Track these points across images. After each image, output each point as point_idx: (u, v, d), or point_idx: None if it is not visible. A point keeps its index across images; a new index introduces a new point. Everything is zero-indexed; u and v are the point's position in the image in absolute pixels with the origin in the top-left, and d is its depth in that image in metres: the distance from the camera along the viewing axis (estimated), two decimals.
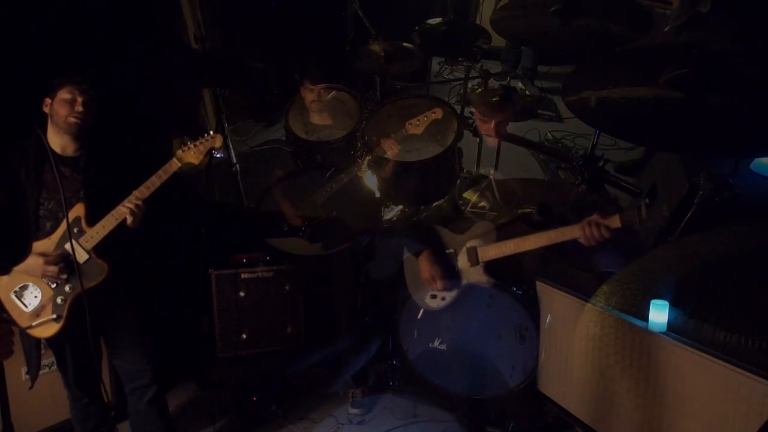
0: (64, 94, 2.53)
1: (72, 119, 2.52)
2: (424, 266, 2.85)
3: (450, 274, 2.84)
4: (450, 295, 2.87)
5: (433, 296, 2.91)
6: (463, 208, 2.87)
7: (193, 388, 3.53)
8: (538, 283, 2.79)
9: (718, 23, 3.57)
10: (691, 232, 2.80)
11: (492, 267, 2.81)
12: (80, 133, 2.56)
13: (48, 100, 2.56)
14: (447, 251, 2.89)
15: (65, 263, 2.55)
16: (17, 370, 3.01)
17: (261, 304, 3.48)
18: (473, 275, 2.81)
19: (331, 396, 3.42)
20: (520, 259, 2.81)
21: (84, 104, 2.53)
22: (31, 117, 2.55)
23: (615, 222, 2.40)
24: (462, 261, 2.84)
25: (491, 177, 2.85)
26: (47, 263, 2.52)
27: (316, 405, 3.39)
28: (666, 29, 3.83)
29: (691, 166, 3.15)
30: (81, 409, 2.89)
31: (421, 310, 2.97)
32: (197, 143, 2.70)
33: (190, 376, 3.57)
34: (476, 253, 2.79)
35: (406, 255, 3.00)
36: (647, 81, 2.63)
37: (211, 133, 2.73)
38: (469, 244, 2.82)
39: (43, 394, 3.05)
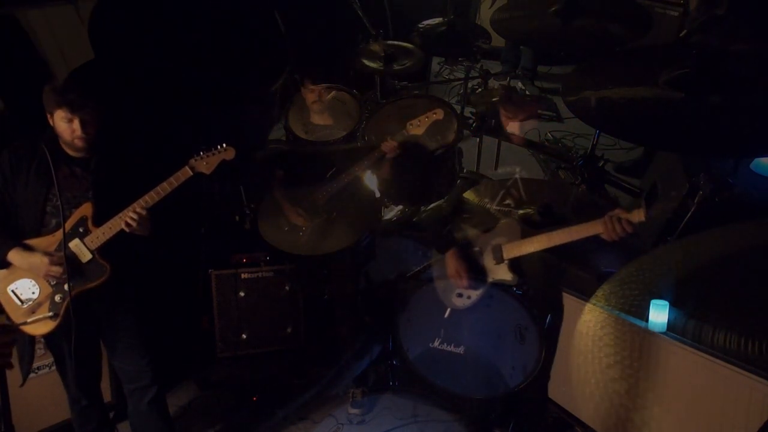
0: (60, 115, 2.48)
1: (76, 141, 2.51)
2: (450, 263, 2.85)
3: (476, 272, 2.84)
4: (476, 294, 2.87)
5: (460, 295, 2.90)
6: (489, 205, 2.87)
7: (193, 388, 3.53)
8: (564, 294, 2.79)
9: (734, 25, 3.56)
10: (691, 232, 2.80)
11: (477, 273, 2.81)
12: (87, 147, 2.55)
13: (49, 115, 2.53)
14: (474, 249, 2.89)
15: (70, 265, 2.55)
16: (17, 370, 3.01)
17: (261, 304, 3.48)
18: (498, 273, 2.81)
19: (331, 396, 3.42)
20: (520, 259, 2.80)
21: (82, 123, 2.48)
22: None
23: (639, 216, 2.35)
24: (487, 259, 2.84)
25: (517, 175, 2.85)
26: (52, 263, 2.53)
27: (316, 405, 3.39)
28: (682, 33, 3.81)
29: (691, 166, 3.15)
30: (81, 411, 2.88)
31: (448, 309, 2.96)
32: (210, 154, 2.68)
33: (190, 376, 3.57)
34: (501, 251, 2.78)
35: (435, 253, 3.00)
36: (647, 81, 2.64)
37: (224, 145, 2.71)
38: (494, 242, 2.81)
39: (43, 394, 3.05)
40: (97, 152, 2.60)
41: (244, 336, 3.48)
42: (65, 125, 2.49)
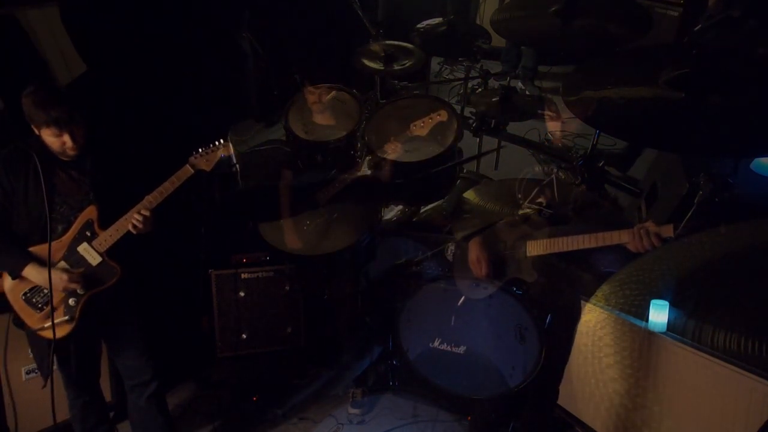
0: (47, 132, 2.42)
1: (68, 151, 2.48)
2: (473, 250, 2.83)
3: (497, 265, 2.84)
4: (493, 286, 2.86)
5: (476, 285, 2.89)
6: (521, 202, 2.86)
7: (193, 388, 3.53)
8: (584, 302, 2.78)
9: (747, 29, 3.55)
10: (691, 232, 2.80)
11: (497, 266, 2.80)
12: (79, 154, 2.52)
13: (35, 129, 2.46)
14: (498, 241, 2.88)
15: (86, 279, 2.56)
16: (17, 370, 3.02)
17: (261, 304, 3.49)
18: (518, 268, 2.80)
19: (331, 396, 3.42)
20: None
21: (71, 135, 2.44)
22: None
23: (668, 231, 2.31)
24: (510, 254, 2.83)
25: (554, 176, 2.84)
26: (71, 281, 2.53)
27: (316, 405, 3.40)
28: (697, 28, 3.81)
29: (691, 166, 3.15)
30: (80, 408, 2.89)
31: (462, 298, 2.95)
32: (209, 150, 2.67)
33: (190, 376, 3.57)
34: (525, 247, 2.77)
35: (458, 242, 2.99)
36: (647, 81, 2.63)
37: (222, 141, 2.71)
38: (519, 238, 2.80)
39: (43, 394, 3.04)
40: (91, 152, 2.56)
41: (244, 336, 3.48)
42: (54, 139, 2.44)
